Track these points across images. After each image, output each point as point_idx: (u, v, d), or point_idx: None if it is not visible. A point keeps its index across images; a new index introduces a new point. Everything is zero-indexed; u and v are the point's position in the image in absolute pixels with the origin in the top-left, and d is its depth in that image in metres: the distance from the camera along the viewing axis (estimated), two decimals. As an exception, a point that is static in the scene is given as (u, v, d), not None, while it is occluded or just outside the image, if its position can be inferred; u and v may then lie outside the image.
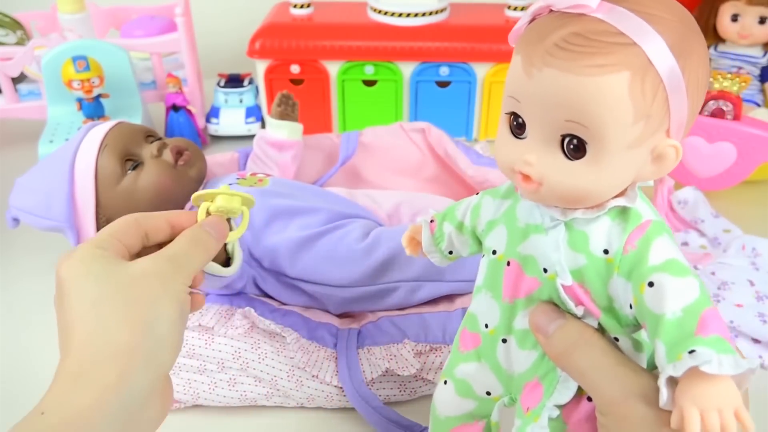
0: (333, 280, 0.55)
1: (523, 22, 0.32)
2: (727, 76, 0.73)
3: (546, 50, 0.29)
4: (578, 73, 0.28)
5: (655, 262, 0.30)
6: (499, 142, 0.33)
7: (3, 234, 0.75)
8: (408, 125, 0.75)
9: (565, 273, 0.32)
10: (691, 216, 0.72)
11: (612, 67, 0.28)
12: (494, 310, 0.37)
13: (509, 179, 0.34)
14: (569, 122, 0.29)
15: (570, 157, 0.30)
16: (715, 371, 0.26)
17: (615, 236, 0.31)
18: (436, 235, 0.42)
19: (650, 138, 0.30)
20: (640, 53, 0.28)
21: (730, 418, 0.27)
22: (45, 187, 0.60)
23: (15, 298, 0.66)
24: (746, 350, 0.57)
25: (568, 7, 0.30)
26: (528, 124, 0.31)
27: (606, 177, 0.30)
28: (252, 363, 0.51)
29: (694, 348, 0.27)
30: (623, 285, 0.31)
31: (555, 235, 0.33)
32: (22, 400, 0.53)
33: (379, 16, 0.91)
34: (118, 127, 0.62)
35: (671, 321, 0.28)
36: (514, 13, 0.93)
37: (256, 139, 0.71)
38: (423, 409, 0.53)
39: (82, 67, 0.81)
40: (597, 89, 0.28)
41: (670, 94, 0.29)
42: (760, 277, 0.62)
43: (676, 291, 0.29)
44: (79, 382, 0.31)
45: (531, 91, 0.30)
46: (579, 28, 0.29)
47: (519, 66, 0.31)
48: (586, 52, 0.28)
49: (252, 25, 0.93)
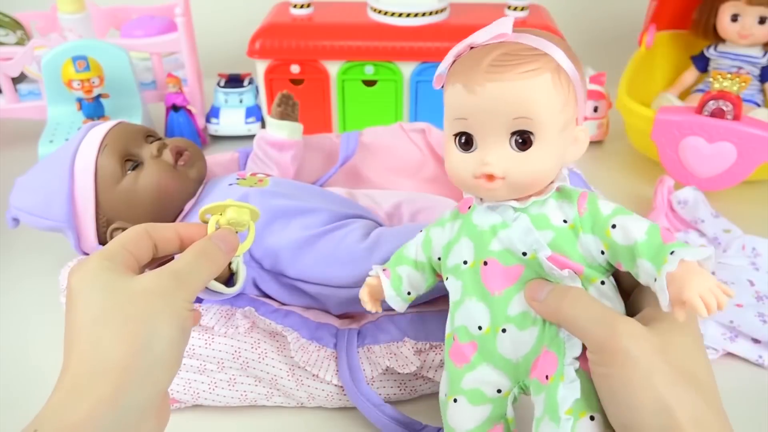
0: (334, 281, 0.55)
1: (448, 63, 0.40)
2: (727, 76, 0.73)
3: (484, 71, 0.37)
4: (515, 79, 0.37)
5: (607, 212, 0.39)
6: (453, 162, 0.41)
7: (3, 234, 0.75)
8: (408, 125, 0.75)
9: (544, 247, 0.39)
10: (691, 216, 0.72)
11: (538, 71, 0.37)
12: (483, 311, 0.41)
13: (468, 189, 0.41)
14: (518, 119, 0.38)
15: (520, 150, 0.38)
16: (694, 257, 0.34)
17: (567, 208, 0.40)
18: (393, 280, 0.47)
19: (570, 124, 0.39)
20: (551, 59, 0.38)
21: (720, 293, 0.33)
22: (45, 187, 0.59)
23: (15, 298, 0.66)
24: (746, 350, 0.57)
25: (490, 39, 0.39)
26: (476, 135, 0.39)
27: (551, 158, 0.39)
28: (252, 363, 0.51)
29: (672, 250, 0.35)
30: (591, 239, 0.39)
31: (521, 223, 0.40)
32: (22, 400, 0.53)
33: (379, 16, 0.91)
34: (118, 127, 0.62)
35: (643, 242, 0.36)
36: (514, 13, 0.93)
37: (257, 139, 0.71)
38: (423, 408, 0.53)
39: (82, 67, 0.81)
40: (532, 88, 0.37)
41: (575, 87, 0.39)
42: (760, 277, 0.62)
43: (634, 223, 0.37)
44: (74, 397, 0.31)
45: (479, 105, 0.38)
46: (505, 49, 0.38)
47: (461, 90, 0.38)
48: (516, 63, 0.37)
49: (252, 25, 0.93)
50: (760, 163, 0.73)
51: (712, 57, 0.91)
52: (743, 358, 0.57)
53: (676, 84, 0.95)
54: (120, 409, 0.31)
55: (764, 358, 0.57)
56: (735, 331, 0.58)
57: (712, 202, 0.73)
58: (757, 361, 0.57)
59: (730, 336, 0.58)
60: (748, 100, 0.88)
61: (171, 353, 0.34)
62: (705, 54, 0.92)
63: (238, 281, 0.43)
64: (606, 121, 0.94)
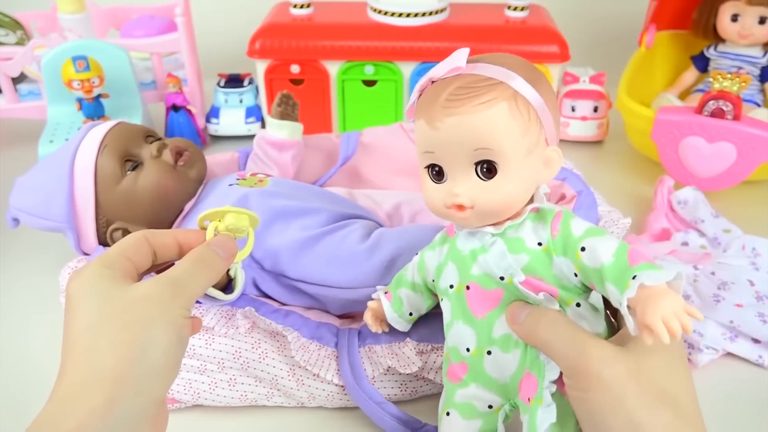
0: (335, 282, 0.55)
1: (414, 98, 0.42)
2: (727, 76, 0.73)
3: (442, 105, 0.38)
4: (472, 112, 0.38)
5: (578, 234, 0.39)
6: (427, 192, 0.42)
7: (3, 234, 0.75)
8: (408, 125, 0.75)
9: (518, 273, 0.39)
10: (691, 216, 0.72)
11: (493, 101, 0.38)
12: (470, 334, 0.42)
13: (444, 218, 0.42)
14: (479, 150, 0.38)
15: (486, 179, 0.39)
16: (655, 281, 0.34)
17: (541, 230, 0.40)
18: (394, 303, 0.49)
19: (536, 147, 0.40)
20: (507, 87, 0.39)
21: (684, 317, 0.33)
22: (44, 188, 0.59)
23: (15, 298, 0.66)
24: (746, 350, 0.57)
25: (446, 73, 0.40)
26: (445, 168, 0.40)
27: (518, 184, 0.39)
28: (252, 363, 0.51)
29: (634, 274, 0.35)
30: (564, 261, 0.39)
31: (497, 248, 0.40)
32: (22, 400, 0.53)
33: (379, 16, 0.91)
34: (117, 127, 0.62)
35: (610, 265, 0.36)
36: (514, 13, 0.93)
37: (257, 139, 0.71)
38: (423, 408, 0.53)
39: (82, 67, 0.81)
40: (489, 119, 0.38)
41: (538, 112, 0.39)
42: (760, 277, 0.62)
43: (603, 245, 0.37)
44: (67, 406, 0.31)
45: (440, 139, 0.39)
46: (459, 83, 0.39)
47: (424, 126, 0.40)
48: (471, 95, 0.38)
49: (252, 25, 0.93)
50: (760, 163, 0.73)
51: (712, 57, 0.91)
52: (743, 358, 0.57)
53: (676, 84, 0.95)
54: (113, 418, 0.30)
55: (764, 358, 0.57)
56: (735, 331, 0.58)
57: (712, 202, 0.73)
58: (757, 361, 0.57)
59: (730, 336, 0.57)
60: (748, 100, 0.88)
61: (167, 361, 0.33)
62: (705, 54, 0.92)
63: (237, 287, 0.42)
64: (606, 121, 0.94)
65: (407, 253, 0.55)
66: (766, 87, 0.89)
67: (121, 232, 0.59)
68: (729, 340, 0.57)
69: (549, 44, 0.89)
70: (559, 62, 0.89)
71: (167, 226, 0.62)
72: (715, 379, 0.55)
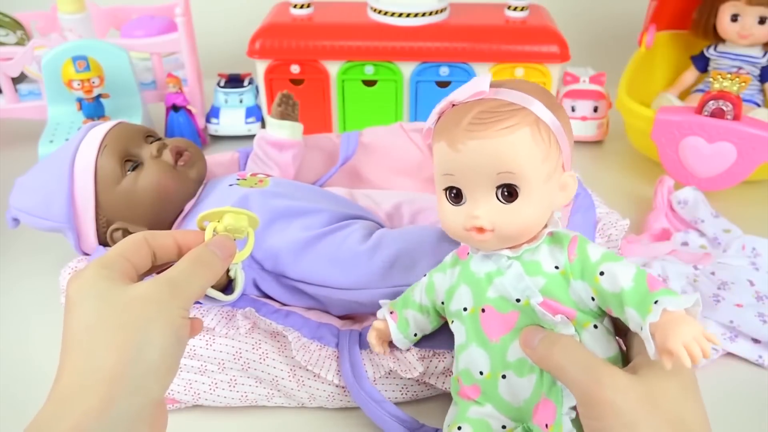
0: (335, 283, 0.55)
1: (432, 120, 0.42)
2: (727, 76, 0.73)
3: (465, 128, 0.39)
4: (495, 136, 0.38)
5: (596, 258, 0.39)
6: (444, 214, 0.42)
7: (3, 234, 0.75)
8: (408, 125, 0.75)
9: (536, 294, 0.40)
10: (691, 216, 0.72)
11: (516, 126, 0.38)
12: (483, 357, 0.42)
13: (461, 240, 0.43)
14: (501, 173, 0.39)
15: (506, 202, 0.39)
16: (677, 307, 0.35)
17: (557, 254, 0.41)
18: (400, 323, 0.49)
19: (555, 172, 0.40)
20: (529, 113, 0.39)
21: (704, 342, 0.34)
22: (44, 188, 0.59)
23: (15, 298, 0.66)
24: (746, 350, 0.57)
25: (468, 97, 0.40)
26: (465, 190, 0.40)
27: (537, 208, 0.40)
28: (253, 363, 0.51)
29: (656, 299, 0.35)
30: (581, 285, 0.40)
31: (514, 270, 0.41)
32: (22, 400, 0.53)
33: (379, 16, 0.91)
34: (117, 127, 0.62)
35: (630, 290, 0.37)
36: (514, 13, 0.93)
37: (257, 139, 0.71)
38: (423, 410, 0.53)
39: (82, 67, 0.81)
40: (512, 143, 0.38)
41: (557, 137, 0.40)
42: (760, 277, 0.62)
43: (622, 271, 0.38)
44: (63, 407, 0.31)
45: (462, 162, 0.39)
46: (483, 107, 0.39)
47: (445, 148, 0.40)
48: (495, 120, 0.38)
49: (252, 25, 0.93)
50: (760, 163, 0.73)
51: (712, 57, 0.91)
52: (743, 358, 0.57)
53: (676, 84, 0.95)
54: (109, 418, 0.30)
55: (764, 358, 0.57)
56: (735, 331, 0.58)
57: (712, 202, 0.73)
58: (757, 361, 0.57)
59: (730, 336, 0.58)
60: (748, 100, 0.88)
61: (164, 361, 0.33)
62: (705, 54, 0.92)
63: (237, 288, 0.42)
64: (606, 121, 0.94)
65: (408, 254, 0.55)
66: (766, 87, 0.89)
67: (121, 232, 0.59)
68: (729, 340, 0.57)
69: (549, 44, 0.89)
70: (559, 62, 0.89)
71: (167, 226, 0.62)
72: (715, 379, 0.55)
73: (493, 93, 0.40)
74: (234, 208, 0.40)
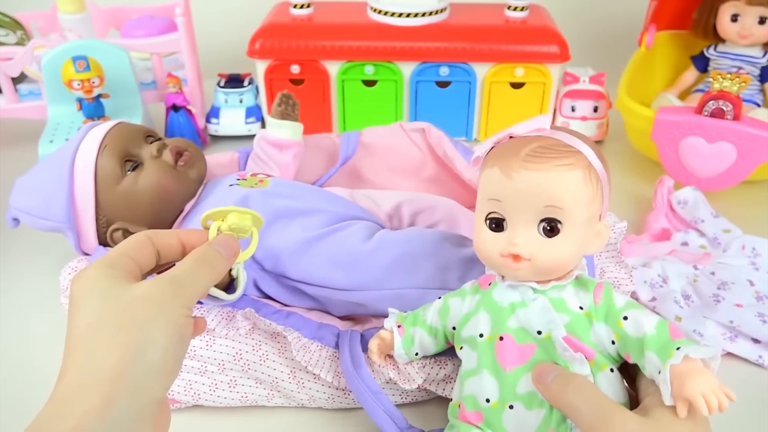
0: (335, 283, 0.55)
1: (486, 148, 0.44)
2: (727, 76, 0.73)
3: (522, 159, 0.40)
4: (550, 170, 0.40)
5: (620, 305, 0.41)
6: (482, 240, 0.43)
7: (3, 234, 0.75)
8: (408, 125, 0.75)
9: (560, 327, 0.41)
10: (691, 216, 0.72)
11: (571, 166, 0.40)
12: (493, 385, 0.43)
13: (493, 266, 0.44)
14: (549, 207, 0.40)
15: (547, 236, 0.41)
16: (700, 354, 0.36)
17: (583, 296, 0.42)
18: (405, 340, 0.49)
19: (594, 218, 0.42)
20: (584, 157, 0.41)
21: (722, 395, 0.35)
22: (44, 188, 0.59)
23: (15, 298, 0.66)
24: (746, 350, 0.57)
25: (529, 132, 0.42)
26: (508, 218, 0.42)
27: (575, 247, 0.41)
28: (253, 365, 0.51)
29: (678, 345, 0.37)
30: (604, 328, 0.41)
31: (539, 303, 0.42)
32: (22, 400, 0.53)
33: (379, 16, 0.91)
34: (117, 127, 0.62)
35: (652, 336, 0.38)
36: (514, 13, 0.93)
37: (257, 139, 0.71)
38: (423, 410, 0.53)
39: (82, 67, 0.81)
40: (565, 180, 0.40)
41: (603, 186, 0.42)
42: (760, 277, 0.62)
43: (645, 317, 0.39)
44: (64, 406, 0.30)
45: (514, 189, 0.41)
46: (542, 143, 0.41)
47: (498, 174, 0.41)
48: (552, 156, 0.40)
49: (252, 25, 0.93)
50: (760, 163, 0.73)
51: (712, 57, 0.91)
52: (743, 358, 0.57)
53: (676, 84, 0.95)
54: (111, 418, 0.30)
55: (764, 358, 0.57)
56: (735, 331, 0.58)
57: (712, 202, 0.73)
58: (757, 361, 0.57)
59: (730, 336, 0.58)
60: (748, 100, 0.88)
61: (166, 361, 0.33)
62: (705, 54, 0.92)
63: (239, 287, 0.42)
64: (606, 121, 0.94)
65: (409, 256, 0.55)
66: (766, 87, 0.89)
67: (121, 233, 0.59)
68: (729, 340, 0.57)
69: (549, 44, 0.89)
70: (559, 62, 0.89)
71: (167, 226, 0.62)
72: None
73: (551, 132, 0.42)
74: (238, 207, 0.40)
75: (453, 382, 0.51)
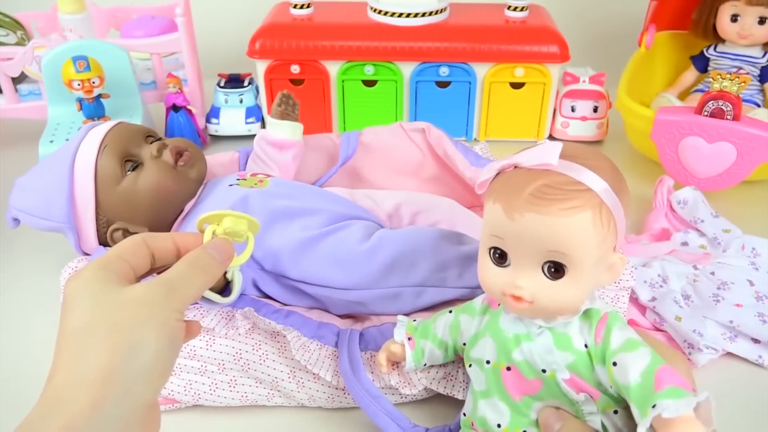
0: (335, 283, 0.55)
1: (490, 175, 0.41)
2: (727, 76, 0.73)
3: (525, 200, 0.37)
4: (554, 215, 0.37)
5: (615, 346, 0.38)
6: (485, 272, 0.41)
7: (3, 234, 0.75)
8: (408, 125, 0.75)
9: (563, 369, 0.39)
10: (691, 216, 0.72)
11: (578, 209, 0.37)
12: (504, 411, 0.42)
13: (497, 299, 0.42)
14: (552, 251, 0.38)
15: (552, 278, 0.39)
16: (674, 414, 0.33)
17: (586, 333, 0.40)
18: (416, 353, 0.49)
19: (607, 254, 0.39)
20: (594, 196, 0.38)
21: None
22: (44, 188, 0.59)
23: (15, 298, 0.66)
24: (746, 350, 0.57)
25: (535, 166, 0.39)
26: (511, 255, 0.39)
27: (582, 289, 0.39)
28: (253, 364, 0.51)
29: (655, 402, 0.34)
30: (602, 370, 0.39)
31: (543, 340, 0.40)
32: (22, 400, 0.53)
33: (379, 16, 0.91)
34: (117, 127, 0.62)
35: (635, 387, 0.36)
36: (514, 14, 0.93)
37: (257, 139, 0.71)
38: (425, 407, 0.53)
39: (83, 67, 0.81)
40: (571, 226, 0.37)
41: (616, 222, 0.39)
42: (760, 277, 0.62)
43: (633, 363, 0.37)
44: (53, 407, 0.30)
45: (516, 231, 0.38)
46: (548, 180, 0.38)
47: (500, 212, 0.39)
48: (557, 198, 0.37)
49: (252, 25, 0.93)
50: (760, 163, 0.73)
51: (711, 57, 0.91)
52: (743, 358, 0.57)
53: (676, 84, 0.95)
54: (99, 420, 0.30)
55: (764, 358, 0.57)
56: (735, 331, 0.58)
57: (712, 202, 0.73)
58: (757, 361, 0.57)
59: (730, 336, 0.58)
60: (748, 100, 0.88)
61: (156, 364, 0.32)
62: (705, 54, 0.92)
63: (234, 291, 0.42)
64: (606, 121, 0.94)
65: (408, 255, 0.55)
66: (766, 87, 0.89)
67: (121, 233, 0.59)
68: (729, 340, 0.57)
69: (549, 44, 0.89)
70: (559, 62, 0.89)
71: (167, 226, 0.62)
72: (714, 379, 0.55)
73: (561, 166, 0.38)
74: (234, 211, 0.40)
75: (453, 379, 0.51)
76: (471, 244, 0.58)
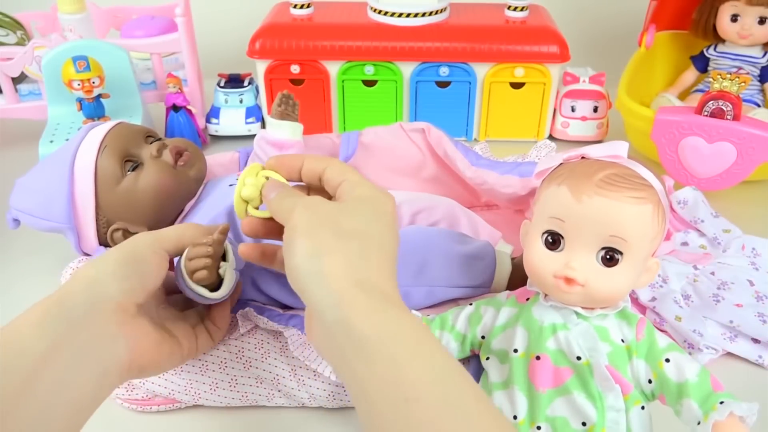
0: None
1: (555, 163, 0.43)
2: (727, 76, 0.73)
3: (595, 184, 0.40)
4: (623, 200, 0.39)
5: (663, 346, 0.40)
6: (536, 255, 0.42)
7: (3, 234, 0.75)
8: (408, 125, 0.75)
9: (603, 355, 0.40)
10: (691, 216, 0.72)
11: (643, 200, 0.40)
12: (523, 403, 0.42)
13: (543, 286, 0.42)
14: (613, 236, 0.39)
15: (605, 265, 0.40)
16: (744, 412, 0.36)
17: (625, 329, 0.42)
18: None
19: (650, 254, 0.41)
20: (655, 193, 0.40)
21: None
22: (44, 188, 0.59)
23: (15, 298, 0.66)
24: (746, 350, 0.57)
25: (604, 156, 0.42)
26: (567, 239, 0.41)
27: (631, 280, 0.41)
28: (255, 362, 0.51)
29: (722, 400, 0.36)
30: (643, 365, 0.40)
31: (582, 329, 0.41)
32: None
33: (379, 16, 0.91)
34: (117, 127, 0.62)
35: (695, 384, 0.38)
36: (514, 14, 0.93)
37: (257, 139, 0.71)
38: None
39: (83, 67, 0.81)
40: (634, 214, 0.39)
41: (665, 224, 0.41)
42: (760, 277, 0.62)
43: (687, 363, 0.39)
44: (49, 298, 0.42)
45: (581, 213, 0.40)
46: (617, 170, 0.40)
47: (567, 194, 0.40)
48: (626, 187, 0.40)
49: (252, 25, 0.93)
50: (760, 163, 0.73)
51: (711, 57, 0.91)
52: (743, 358, 0.57)
53: (676, 84, 0.95)
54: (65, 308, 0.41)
55: (764, 358, 0.57)
56: (735, 331, 0.58)
57: (712, 202, 0.73)
58: (757, 361, 0.57)
59: (730, 336, 0.58)
60: (748, 100, 0.88)
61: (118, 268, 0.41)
62: (705, 54, 0.92)
63: (224, 287, 0.43)
64: (606, 121, 0.94)
65: (416, 256, 0.55)
66: (766, 87, 0.89)
67: (121, 233, 0.59)
68: (729, 340, 0.57)
69: (549, 44, 0.89)
70: (559, 62, 0.89)
71: (167, 226, 0.62)
72: (715, 379, 0.55)
73: (627, 162, 0.41)
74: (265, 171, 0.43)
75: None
76: (473, 243, 0.58)
